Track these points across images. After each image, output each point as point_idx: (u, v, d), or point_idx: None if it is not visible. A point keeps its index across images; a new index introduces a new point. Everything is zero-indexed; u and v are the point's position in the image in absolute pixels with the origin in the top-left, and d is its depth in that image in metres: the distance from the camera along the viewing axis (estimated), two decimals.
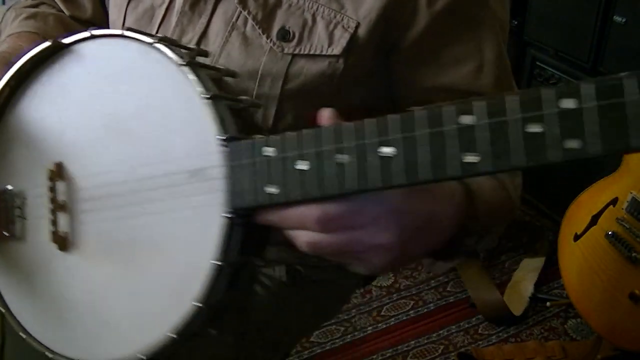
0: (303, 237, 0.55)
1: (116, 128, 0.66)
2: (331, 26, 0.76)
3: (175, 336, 0.58)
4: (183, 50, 0.65)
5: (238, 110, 0.62)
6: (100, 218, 0.66)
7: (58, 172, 0.69)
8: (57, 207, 0.69)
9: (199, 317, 0.57)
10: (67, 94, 0.70)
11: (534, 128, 0.45)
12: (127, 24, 0.87)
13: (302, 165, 0.53)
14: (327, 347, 1.76)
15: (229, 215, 0.56)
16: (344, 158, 0.52)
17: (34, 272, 0.71)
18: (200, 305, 0.57)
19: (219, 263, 0.56)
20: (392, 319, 1.86)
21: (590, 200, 1.62)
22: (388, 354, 1.75)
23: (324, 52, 0.77)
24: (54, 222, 0.69)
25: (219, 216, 0.56)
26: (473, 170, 0.48)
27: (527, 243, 2.09)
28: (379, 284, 1.95)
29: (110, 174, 0.65)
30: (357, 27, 0.76)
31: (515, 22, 2.09)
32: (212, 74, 0.63)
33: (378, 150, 0.51)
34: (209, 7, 0.81)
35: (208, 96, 0.58)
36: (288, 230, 0.56)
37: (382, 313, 1.87)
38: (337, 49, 0.76)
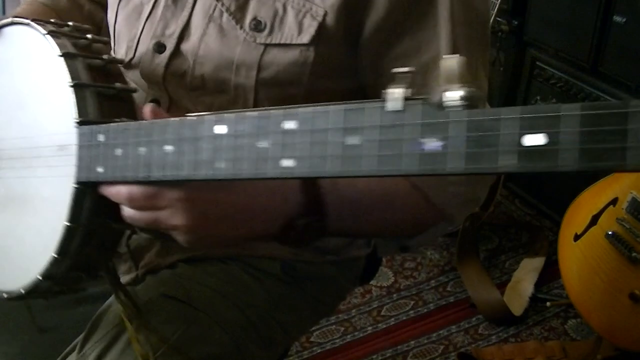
0: (123, 211, 0.66)
1: (17, 102, 0.79)
2: (300, 15, 0.78)
3: (41, 278, 0.72)
4: (81, 41, 0.75)
5: (111, 96, 0.72)
6: (4, 175, 0.81)
7: None
8: None
9: (59, 265, 0.71)
10: None
11: (262, 144, 0.51)
12: (118, 21, 0.91)
13: (118, 152, 0.64)
14: (327, 347, 1.76)
15: (76, 186, 0.68)
16: (142, 150, 0.62)
17: None
18: (57, 256, 0.70)
19: (69, 224, 0.69)
20: (392, 319, 1.86)
21: (590, 200, 1.62)
22: (388, 354, 1.75)
23: (294, 41, 0.78)
24: None
25: (71, 186, 0.69)
26: (219, 175, 0.54)
27: (527, 243, 2.09)
28: (379, 284, 1.96)
29: (10, 141, 0.79)
30: (325, 15, 0.77)
31: (515, 22, 2.09)
32: (96, 63, 0.74)
33: (163, 147, 0.60)
34: (190, 0, 0.84)
35: (72, 84, 0.69)
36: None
37: (382, 313, 1.87)
38: (306, 38, 0.78)
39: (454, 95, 0.43)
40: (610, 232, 1.53)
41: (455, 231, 1.99)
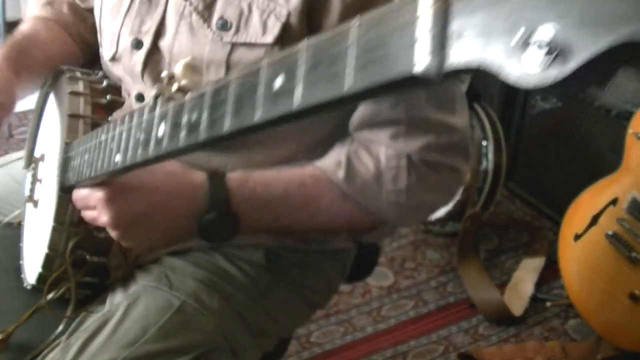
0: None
1: (55, 128, 0.96)
2: (265, 15, 0.79)
3: (41, 270, 0.89)
4: (97, 85, 0.92)
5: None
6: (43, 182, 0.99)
7: (41, 158, 1.02)
8: (36, 180, 1.03)
9: (52, 260, 0.88)
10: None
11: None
12: (103, 15, 0.94)
13: (71, 162, 0.82)
14: (327, 347, 1.76)
15: (59, 193, 0.85)
16: (78, 159, 0.78)
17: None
18: (48, 251, 0.87)
19: (54, 224, 0.85)
20: (392, 319, 1.86)
21: (590, 200, 1.62)
22: (388, 354, 1.75)
23: (259, 41, 0.79)
24: (32, 190, 1.03)
25: (56, 192, 0.86)
26: (117, 166, 0.65)
27: (527, 243, 2.09)
28: (379, 284, 1.95)
29: (50, 158, 0.97)
30: (288, 16, 0.78)
31: None
32: (100, 102, 0.90)
33: (84, 155, 0.76)
34: None
35: (68, 114, 0.87)
36: None
37: (382, 313, 1.87)
38: (269, 38, 0.79)
39: (169, 90, 0.57)
40: (610, 232, 1.53)
41: (456, 231, 2.00)
